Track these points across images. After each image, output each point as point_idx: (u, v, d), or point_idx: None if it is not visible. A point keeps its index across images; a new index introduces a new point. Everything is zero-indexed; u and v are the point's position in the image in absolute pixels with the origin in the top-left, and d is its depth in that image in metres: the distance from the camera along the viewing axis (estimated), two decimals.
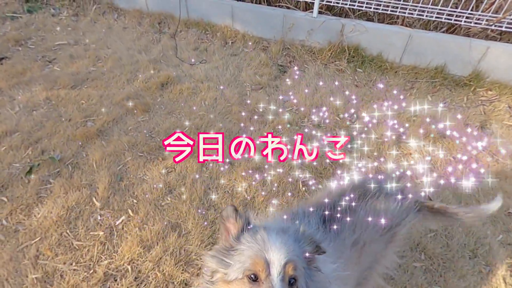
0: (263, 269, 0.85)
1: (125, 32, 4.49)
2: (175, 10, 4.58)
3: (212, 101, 3.28)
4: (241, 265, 0.89)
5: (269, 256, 0.87)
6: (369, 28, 3.57)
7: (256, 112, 3.15)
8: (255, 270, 0.86)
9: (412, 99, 3.39)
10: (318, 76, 3.73)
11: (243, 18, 4.20)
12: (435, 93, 3.47)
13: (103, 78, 3.53)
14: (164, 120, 2.99)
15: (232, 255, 0.93)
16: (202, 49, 4.21)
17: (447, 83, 3.52)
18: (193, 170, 2.46)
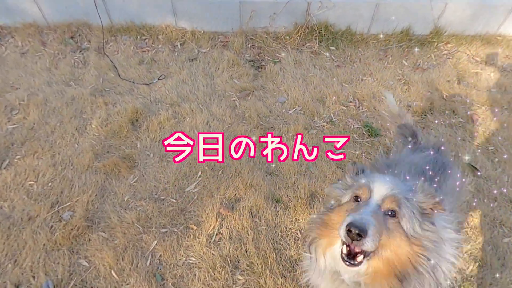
0: (366, 194, 1.00)
1: (28, 59, 3.24)
2: (89, 16, 3.49)
3: (205, 126, 2.66)
4: (351, 191, 1.07)
5: (373, 186, 1.00)
6: (336, 2, 3.35)
7: (263, 125, 2.70)
8: (359, 193, 1.03)
9: (391, 67, 3.42)
10: (298, 64, 3.41)
11: (188, 12, 3.46)
12: (406, 56, 3.58)
13: (37, 137, 2.47)
14: (164, 169, 2.29)
15: (347, 189, 1.11)
16: (149, 61, 3.36)
17: (413, 44, 3.65)
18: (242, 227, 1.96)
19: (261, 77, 3.25)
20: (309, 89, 3.09)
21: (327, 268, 1.07)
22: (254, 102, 2.93)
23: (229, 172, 2.28)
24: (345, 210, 1.03)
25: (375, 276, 0.96)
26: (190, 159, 2.35)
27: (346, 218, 0.93)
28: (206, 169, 2.30)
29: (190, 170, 2.30)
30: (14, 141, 2.43)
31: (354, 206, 1.01)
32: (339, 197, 1.10)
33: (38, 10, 3.43)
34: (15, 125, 2.57)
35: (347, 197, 1.06)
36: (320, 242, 1.07)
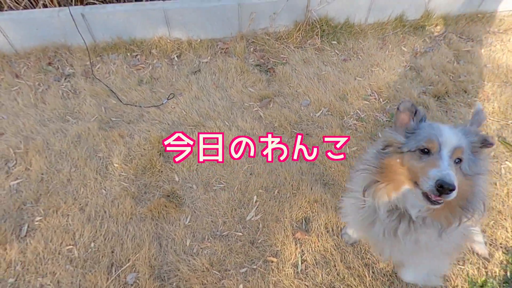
0: (436, 146, 1.03)
1: (3, 97, 2.72)
2: (67, 37, 3.04)
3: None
4: (416, 142, 1.06)
5: (443, 139, 1.03)
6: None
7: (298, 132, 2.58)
8: (429, 146, 1.04)
9: (394, 55, 3.48)
10: (306, 62, 3.31)
11: (182, 20, 3.16)
12: (404, 42, 3.66)
13: (53, 189, 2.08)
14: (215, 200, 2.07)
15: (408, 137, 1.11)
16: (148, 79, 3.03)
17: (407, 30, 3.74)
18: (325, 248, 1.84)
19: (275, 82, 3.11)
20: (328, 87, 3.03)
21: (390, 205, 1.13)
22: (278, 110, 2.78)
23: (285, 191, 2.14)
24: (413, 160, 1.06)
25: (442, 209, 1.07)
26: (241, 185, 2.16)
27: (431, 173, 0.98)
28: (260, 192, 2.14)
29: (243, 196, 2.12)
30: (25, 199, 2.03)
31: (423, 159, 1.04)
32: (399, 144, 1.11)
33: (2, 36, 2.89)
34: (19, 179, 2.15)
35: (412, 146, 1.07)
36: (383, 187, 1.11)
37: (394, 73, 3.25)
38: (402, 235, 1.15)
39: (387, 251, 1.32)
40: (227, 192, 2.13)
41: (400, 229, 1.14)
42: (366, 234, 1.32)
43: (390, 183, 1.11)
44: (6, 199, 2.02)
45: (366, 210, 1.23)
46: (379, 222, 1.19)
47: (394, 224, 1.14)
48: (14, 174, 2.17)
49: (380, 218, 1.16)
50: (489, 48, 3.64)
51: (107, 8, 2.97)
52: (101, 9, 2.96)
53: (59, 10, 2.91)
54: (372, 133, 2.61)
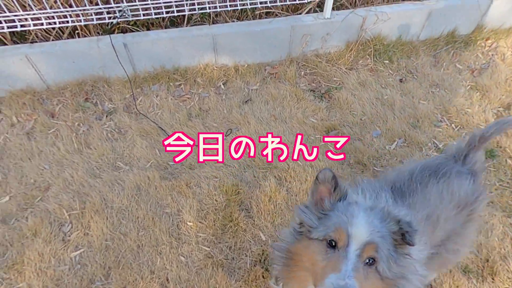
0: (343, 239, 0.87)
1: (41, 142, 2.38)
2: (106, 68, 2.72)
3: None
4: (325, 229, 0.91)
5: (352, 230, 0.87)
6: (391, 13, 3.07)
7: (379, 171, 2.32)
8: (336, 238, 0.88)
9: (450, 73, 3.28)
10: (362, 85, 3.07)
11: (231, 45, 2.88)
12: (456, 59, 3.47)
13: (122, 260, 1.76)
14: None
15: (320, 218, 0.96)
16: (197, 112, 2.73)
17: (458, 45, 3.55)
18: None
19: (335, 109, 2.85)
20: (395, 114, 2.79)
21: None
22: (349, 143, 2.52)
23: None
24: (318, 252, 0.90)
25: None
26: None
27: (328, 281, 0.80)
28: None
29: None
30: (93, 276, 1.71)
31: (328, 254, 0.88)
32: (309, 227, 0.96)
33: (33, 70, 2.55)
34: (80, 249, 1.82)
35: (320, 234, 0.91)
36: (288, 285, 0.97)
37: (457, 94, 3.04)
38: None
39: None
40: None
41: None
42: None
43: (294, 281, 0.95)
44: (70, 277, 1.70)
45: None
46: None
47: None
48: (72, 243, 1.84)
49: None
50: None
51: (151, 36, 2.67)
52: (144, 37, 2.65)
53: (98, 40, 2.59)
54: None
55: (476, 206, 1.30)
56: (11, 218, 1.96)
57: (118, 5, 2.47)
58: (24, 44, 2.59)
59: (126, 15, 2.51)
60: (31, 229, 1.88)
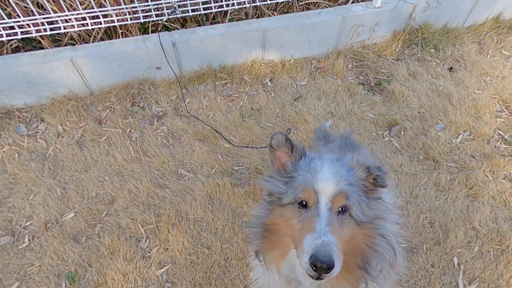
0: (312, 197, 0.86)
1: (93, 151, 2.24)
2: (150, 70, 2.57)
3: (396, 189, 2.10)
4: (293, 192, 0.90)
5: (318, 186, 0.86)
6: (442, 0, 2.94)
7: (452, 166, 2.24)
8: (305, 198, 0.88)
9: (498, 60, 3.18)
10: (413, 77, 2.96)
11: (279, 41, 2.74)
12: (501, 45, 3.37)
13: (214, 273, 1.66)
14: None
15: (286, 182, 0.94)
16: (249, 112, 2.60)
17: (501, 30, 3.45)
18: None
19: (390, 103, 2.74)
20: (454, 105, 2.69)
21: (283, 276, 0.96)
22: (414, 139, 2.43)
23: (488, 246, 1.80)
24: (293, 216, 0.89)
25: (339, 276, 0.85)
26: (428, 244, 1.81)
27: (305, 243, 0.80)
28: (459, 251, 1.79)
29: (437, 256, 1.76)
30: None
31: (302, 215, 0.88)
32: (279, 195, 0.94)
33: (77, 75, 2.39)
34: (164, 266, 1.70)
35: (289, 198, 0.91)
36: (269, 254, 0.94)
37: (510, 82, 2.95)
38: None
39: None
40: (419, 255, 1.77)
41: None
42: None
43: (276, 249, 0.93)
44: None
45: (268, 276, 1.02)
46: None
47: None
48: (155, 259, 1.73)
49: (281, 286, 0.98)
50: None
51: (199, 33, 2.51)
52: (192, 35, 2.49)
53: (145, 39, 2.43)
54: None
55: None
56: (82, 235, 1.84)
57: (167, 2, 2.30)
58: (66, 47, 2.41)
59: (177, 11, 2.34)
60: (108, 247, 1.76)
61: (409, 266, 1.74)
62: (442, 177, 2.14)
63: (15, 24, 2.14)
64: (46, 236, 1.83)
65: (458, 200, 2.02)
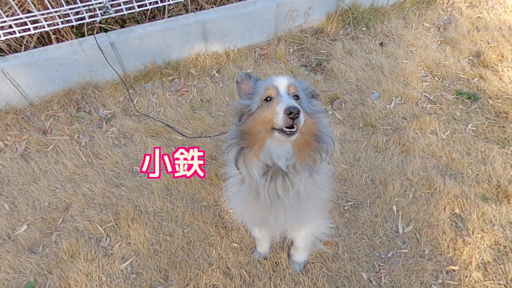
0: (273, 91, 1.13)
1: (41, 162, 2.17)
2: (93, 73, 2.53)
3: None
4: (259, 97, 1.15)
5: (277, 82, 1.15)
6: None
7: (389, 130, 2.48)
8: (268, 93, 1.13)
9: (421, 32, 3.54)
10: (349, 54, 3.20)
11: (219, 32, 2.82)
12: (422, 18, 3.74)
13: (178, 258, 1.72)
14: (355, 222, 1.90)
15: (250, 97, 1.20)
16: (199, 104, 2.67)
17: (422, 6, 3.82)
18: None
19: (331, 80, 2.96)
20: (386, 76, 2.97)
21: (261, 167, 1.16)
22: (354, 109, 2.65)
23: (420, 193, 2.05)
24: (263, 111, 1.12)
25: (303, 149, 1.13)
26: (370, 197, 2.01)
27: (277, 109, 1.04)
28: (397, 200, 2.01)
29: (382, 209, 1.98)
30: (152, 282, 1.65)
31: (271, 103, 1.12)
32: (248, 107, 1.19)
33: (11, 86, 2.29)
34: (129, 259, 1.73)
35: (257, 101, 1.16)
36: (249, 153, 1.15)
37: (432, 50, 3.30)
38: (283, 193, 1.20)
39: (278, 221, 1.31)
40: (364, 209, 1.97)
41: (279, 187, 1.19)
42: (255, 212, 1.32)
43: (254, 144, 1.14)
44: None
45: (246, 183, 1.25)
46: (262, 190, 1.22)
47: (273, 185, 1.19)
48: (117, 255, 1.75)
49: (259, 183, 1.19)
50: (494, 12, 3.89)
51: (138, 31, 2.51)
52: (131, 33, 2.49)
53: (81, 43, 2.38)
54: (451, 113, 2.63)
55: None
56: (38, 245, 1.80)
57: (99, 2, 2.28)
58: None
59: (110, 11, 2.33)
60: (67, 251, 1.75)
61: (355, 219, 1.94)
62: (379, 140, 2.38)
63: None
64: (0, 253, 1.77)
65: (394, 157, 2.27)
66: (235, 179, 1.34)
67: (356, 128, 2.52)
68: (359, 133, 2.47)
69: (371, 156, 2.28)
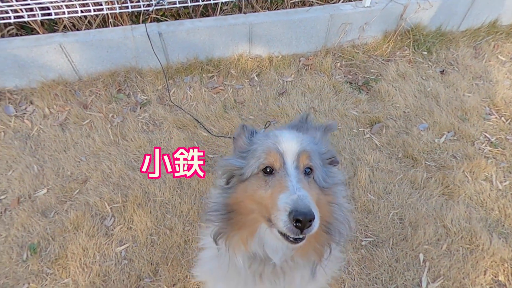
0: (277, 159, 0.85)
1: (75, 134, 2.30)
2: (139, 59, 2.64)
3: (370, 184, 2.06)
4: (256, 161, 0.87)
5: (282, 147, 0.85)
6: (433, 1, 2.92)
7: (432, 166, 2.18)
8: (269, 162, 0.85)
9: (493, 65, 3.11)
10: (402, 77, 2.93)
11: (266, 36, 2.77)
12: (498, 51, 3.30)
13: (171, 254, 1.66)
14: (371, 262, 1.67)
15: (244, 156, 0.92)
16: (232, 104, 2.62)
17: (499, 36, 3.38)
18: None
19: (376, 101, 2.72)
20: (441, 106, 2.64)
21: (248, 257, 0.92)
22: (395, 137, 2.39)
23: (457, 245, 1.74)
24: (259, 187, 0.85)
25: (306, 244, 0.85)
26: (393, 238, 1.75)
27: (281, 202, 0.76)
28: (426, 248, 1.73)
29: (406, 254, 1.71)
30: (140, 272, 1.60)
31: (269, 182, 0.84)
32: (240, 170, 0.90)
33: (66, 60, 2.48)
34: (125, 244, 1.72)
35: (252, 169, 0.87)
36: (235, 237, 0.88)
37: (503, 87, 2.87)
38: (270, 282, 0.94)
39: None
40: (384, 250, 1.72)
41: (266, 275, 0.94)
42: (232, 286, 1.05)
43: (243, 229, 0.88)
44: (117, 274, 1.60)
45: (225, 260, 0.97)
46: (243, 272, 0.96)
47: (258, 272, 0.94)
48: (116, 237, 1.75)
49: (241, 269, 0.94)
50: None
51: (186, 25, 2.57)
52: (179, 26, 2.56)
53: (133, 29, 2.51)
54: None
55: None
56: (51, 211, 1.88)
57: None
58: (57, 33, 2.52)
59: (163, 1, 2.41)
60: (72, 222, 1.79)
61: (372, 259, 1.69)
62: (418, 175, 2.09)
63: (8, 8, 2.25)
64: (17, 210, 1.88)
65: (432, 198, 1.97)
66: (212, 252, 1.08)
67: (393, 157, 2.26)
68: (396, 164, 2.21)
69: (405, 192, 2.01)
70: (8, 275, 1.61)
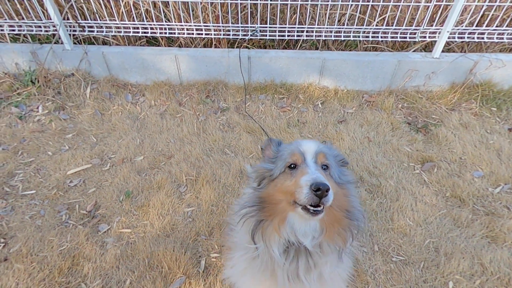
0: (299, 157, 1.05)
1: (169, 122, 2.95)
2: (228, 75, 3.26)
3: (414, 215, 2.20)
4: (282, 161, 1.07)
5: (303, 148, 1.07)
6: (507, 61, 3.02)
7: (481, 211, 2.21)
8: (293, 160, 1.05)
9: None
10: (465, 128, 3.00)
11: (336, 71, 3.19)
12: None
13: (225, 224, 2.06)
14: (399, 276, 1.80)
15: (273, 162, 1.13)
16: (295, 123, 3.01)
17: None
18: None
19: (432, 144, 2.84)
20: (502, 160, 2.64)
21: (282, 243, 1.04)
22: (446, 178, 2.47)
23: (491, 283, 1.75)
24: (285, 180, 1.03)
25: (333, 227, 1.02)
26: (426, 262, 1.85)
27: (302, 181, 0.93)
28: (457, 278, 1.79)
29: (435, 278, 1.79)
30: (199, 230, 2.02)
31: (296, 172, 1.02)
32: (270, 171, 1.09)
33: (175, 68, 3.23)
34: (191, 207, 2.18)
35: (280, 168, 1.06)
36: (269, 226, 1.02)
37: None
38: (304, 275, 1.06)
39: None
40: (413, 269, 1.83)
41: (301, 268, 1.06)
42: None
43: (275, 216, 1.03)
44: (182, 227, 2.03)
45: (261, 259, 1.09)
46: (279, 269, 1.07)
47: (294, 265, 1.06)
48: (186, 201, 2.21)
49: (278, 262, 1.05)
50: None
51: (271, 53, 3.15)
52: (265, 54, 3.15)
53: (229, 51, 3.17)
54: None
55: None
56: (144, 172, 2.45)
57: (252, 26, 3.03)
58: (173, 47, 3.32)
59: (257, 33, 3.04)
60: (157, 183, 2.32)
61: (400, 274, 1.81)
62: (463, 214, 2.15)
63: (149, 26, 3.12)
64: (120, 167, 2.50)
65: (474, 238, 2.00)
66: (247, 253, 1.16)
67: (440, 195, 2.34)
68: (442, 201, 2.29)
69: (446, 226, 2.08)
70: (109, 208, 2.17)
